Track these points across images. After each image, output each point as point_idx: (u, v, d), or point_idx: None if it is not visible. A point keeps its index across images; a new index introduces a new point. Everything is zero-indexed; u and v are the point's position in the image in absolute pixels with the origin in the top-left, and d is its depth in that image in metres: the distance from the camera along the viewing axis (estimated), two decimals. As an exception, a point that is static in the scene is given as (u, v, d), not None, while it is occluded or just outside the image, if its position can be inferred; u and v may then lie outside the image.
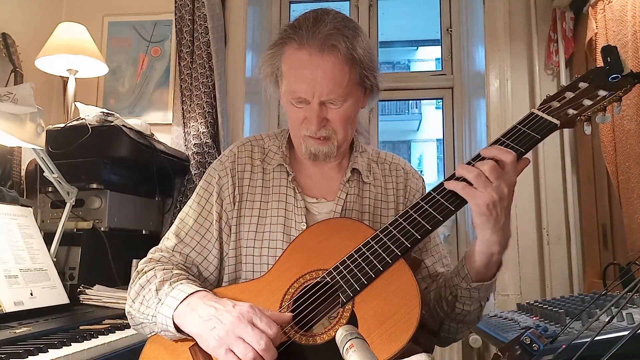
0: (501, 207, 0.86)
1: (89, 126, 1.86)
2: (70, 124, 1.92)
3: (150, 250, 1.08)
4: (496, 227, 0.87)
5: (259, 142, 1.15)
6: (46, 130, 1.62)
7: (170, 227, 1.11)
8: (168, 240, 1.08)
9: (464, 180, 0.88)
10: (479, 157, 0.90)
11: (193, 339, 0.90)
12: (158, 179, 2.14)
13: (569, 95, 0.96)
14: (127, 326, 1.37)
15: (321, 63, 0.96)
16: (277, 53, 1.03)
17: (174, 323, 0.90)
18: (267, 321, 0.83)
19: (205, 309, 0.87)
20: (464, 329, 1.02)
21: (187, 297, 0.91)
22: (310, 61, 0.97)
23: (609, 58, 0.94)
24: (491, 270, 0.93)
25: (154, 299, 0.94)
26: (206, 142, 2.32)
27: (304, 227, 1.03)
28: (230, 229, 1.07)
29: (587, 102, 0.93)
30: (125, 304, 1.01)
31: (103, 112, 1.94)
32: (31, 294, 1.44)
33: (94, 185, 1.89)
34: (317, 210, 1.08)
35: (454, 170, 0.93)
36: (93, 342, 1.22)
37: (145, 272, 0.99)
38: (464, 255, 0.95)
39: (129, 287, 1.02)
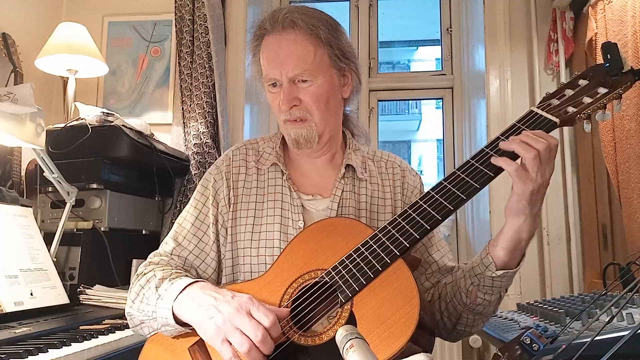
0: (541, 194, 0.86)
1: (89, 126, 1.86)
2: (70, 124, 1.92)
3: (150, 255, 1.09)
4: (531, 213, 0.87)
5: (253, 145, 1.17)
6: (46, 130, 1.62)
7: (169, 228, 1.12)
8: (166, 244, 1.09)
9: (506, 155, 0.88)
10: (514, 128, 0.91)
11: (192, 337, 0.90)
12: (158, 179, 2.14)
13: (569, 92, 0.95)
14: (127, 326, 1.36)
15: (283, 41, 1.01)
16: (257, 50, 1.07)
17: (173, 314, 0.90)
18: (264, 311, 0.84)
19: (205, 298, 0.88)
20: (480, 322, 1.01)
21: (186, 286, 0.92)
22: (274, 41, 1.03)
23: (608, 55, 0.93)
24: (515, 259, 0.91)
25: (154, 295, 0.94)
26: (206, 142, 2.32)
27: (301, 225, 1.04)
28: (227, 231, 1.08)
29: (587, 100, 0.93)
30: (125, 303, 1.02)
31: (103, 112, 1.94)
32: (31, 294, 1.44)
33: (94, 185, 1.89)
34: (313, 207, 1.08)
35: (454, 169, 0.92)
36: (93, 342, 1.22)
37: (145, 274, 1.00)
38: (487, 244, 0.94)
39: (129, 290, 1.02)
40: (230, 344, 0.82)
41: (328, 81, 1.04)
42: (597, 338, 0.69)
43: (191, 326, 0.90)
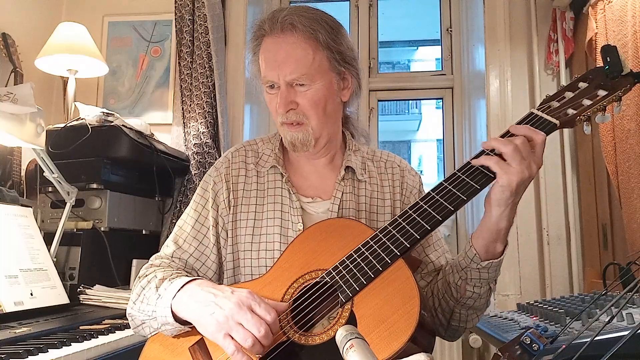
0: (525, 186, 0.87)
1: (89, 126, 1.87)
2: (70, 124, 1.92)
3: (151, 258, 1.09)
4: (513, 203, 0.88)
5: (252, 146, 1.16)
6: (46, 130, 1.62)
7: (169, 228, 1.12)
8: (167, 247, 1.09)
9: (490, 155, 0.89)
10: (507, 134, 0.91)
11: (193, 337, 0.90)
12: (158, 179, 2.14)
13: (569, 95, 0.95)
14: (127, 326, 1.37)
15: (282, 44, 1.01)
16: (256, 49, 1.06)
17: (172, 312, 0.90)
18: (266, 307, 0.85)
19: (204, 294, 0.89)
20: (474, 316, 1.01)
21: (184, 285, 0.92)
22: (273, 44, 1.02)
23: (608, 57, 0.93)
24: (498, 248, 0.92)
25: (154, 295, 0.95)
26: (206, 142, 2.32)
27: (301, 228, 1.04)
28: (227, 234, 1.08)
29: (587, 102, 0.93)
30: (125, 303, 1.02)
31: (103, 112, 1.94)
32: (31, 294, 1.44)
33: (94, 185, 1.89)
34: (313, 209, 1.08)
35: (454, 169, 0.93)
36: (93, 342, 1.22)
37: (146, 276, 1.01)
38: (469, 237, 0.94)
39: (131, 292, 1.03)
40: (233, 338, 0.83)
41: (326, 85, 1.03)
42: (597, 338, 0.69)
43: (190, 324, 0.91)
